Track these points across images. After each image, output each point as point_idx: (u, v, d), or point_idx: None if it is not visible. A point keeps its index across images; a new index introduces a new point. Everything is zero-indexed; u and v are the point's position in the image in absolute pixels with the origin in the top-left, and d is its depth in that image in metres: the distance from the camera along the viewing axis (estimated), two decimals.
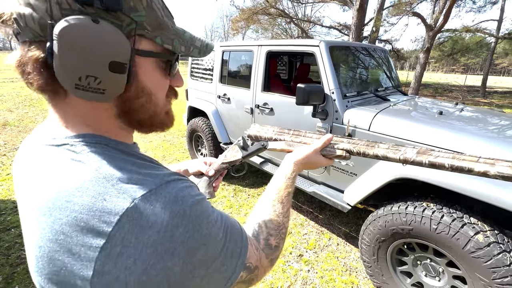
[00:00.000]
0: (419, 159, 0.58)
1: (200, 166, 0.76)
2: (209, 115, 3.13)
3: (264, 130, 0.73)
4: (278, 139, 0.71)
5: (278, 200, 0.57)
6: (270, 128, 0.73)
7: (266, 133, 0.72)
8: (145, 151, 4.27)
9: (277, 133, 0.72)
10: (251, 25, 16.34)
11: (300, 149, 0.67)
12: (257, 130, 0.74)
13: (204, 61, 3.35)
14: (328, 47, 2.01)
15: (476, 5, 11.83)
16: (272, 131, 0.73)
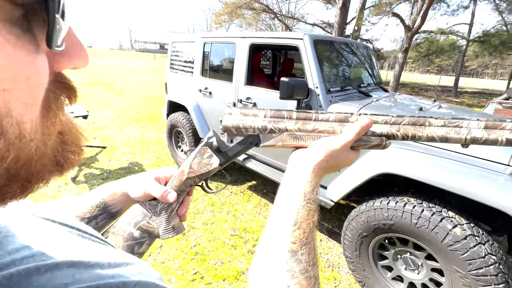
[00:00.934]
0: (492, 137, 0.44)
1: (150, 186, 0.50)
2: (190, 110, 3.01)
3: (250, 116, 0.50)
4: (276, 129, 0.49)
5: (300, 243, 0.36)
6: (259, 112, 0.50)
7: (254, 121, 0.49)
8: (120, 148, 4.05)
9: (273, 120, 0.49)
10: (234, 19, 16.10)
11: (320, 143, 0.45)
12: (239, 118, 0.50)
13: (184, 53, 3.20)
14: (312, 40, 1.97)
15: (450, 8, 12.44)
16: (263, 116, 0.49)
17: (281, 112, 0.49)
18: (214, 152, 0.52)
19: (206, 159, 0.52)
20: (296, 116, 0.49)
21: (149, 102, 7.59)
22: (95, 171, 3.30)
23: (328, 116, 0.48)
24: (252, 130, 0.49)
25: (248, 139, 0.50)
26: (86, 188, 2.89)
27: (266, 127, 0.49)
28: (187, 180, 0.52)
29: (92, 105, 6.63)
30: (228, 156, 0.52)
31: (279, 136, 0.49)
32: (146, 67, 19.76)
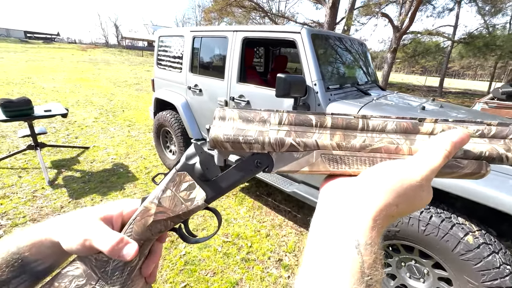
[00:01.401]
0: None
1: (93, 234, 0.32)
2: (178, 108, 2.83)
3: (256, 122, 0.33)
4: (301, 144, 0.31)
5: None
6: (271, 116, 0.33)
7: (263, 132, 0.32)
8: (104, 148, 3.81)
9: (294, 129, 0.32)
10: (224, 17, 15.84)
11: (382, 172, 0.28)
12: (238, 125, 0.33)
13: (172, 48, 3.01)
14: (310, 34, 1.85)
15: (435, 10, 12.73)
16: (277, 121, 0.32)
17: (307, 116, 0.32)
18: (197, 180, 0.34)
19: (185, 192, 0.34)
20: (332, 123, 0.32)
21: (136, 100, 7.29)
22: (76, 173, 3.06)
23: (385, 124, 0.31)
24: (260, 145, 0.31)
25: (252, 161, 0.32)
26: (65, 193, 2.66)
27: (284, 141, 0.31)
28: (154, 224, 0.35)
29: (75, 102, 6.28)
30: (220, 188, 0.34)
31: (306, 156, 0.31)
32: (133, 64, 19.16)
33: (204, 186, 0.34)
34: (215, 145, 0.32)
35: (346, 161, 0.31)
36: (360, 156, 0.31)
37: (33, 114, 2.78)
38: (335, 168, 0.31)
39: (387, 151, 0.30)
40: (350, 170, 0.31)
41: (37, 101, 6.08)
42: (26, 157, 3.32)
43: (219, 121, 0.33)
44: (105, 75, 11.98)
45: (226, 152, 0.33)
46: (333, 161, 0.31)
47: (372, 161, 0.30)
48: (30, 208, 2.40)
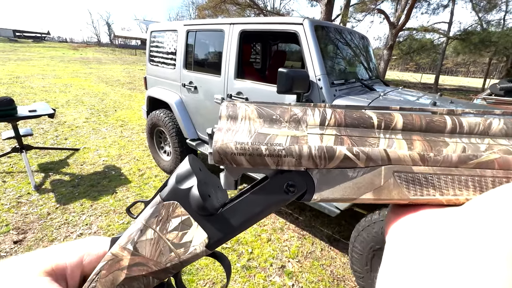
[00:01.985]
0: None
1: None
2: (173, 107, 2.68)
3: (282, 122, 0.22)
4: (360, 156, 0.21)
5: None
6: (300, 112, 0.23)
7: (297, 137, 0.22)
8: (95, 150, 3.64)
9: (347, 132, 0.22)
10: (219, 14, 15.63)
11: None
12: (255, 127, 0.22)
13: (165, 44, 2.86)
14: (313, 25, 1.73)
15: (430, 7, 12.74)
16: (317, 120, 0.22)
17: (363, 113, 0.22)
18: (194, 214, 0.24)
19: (175, 233, 0.24)
20: (405, 122, 0.21)
21: (129, 99, 7.09)
22: (65, 177, 2.90)
23: (487, 122, 0.21)
24: (294, 159, 0.21)
25: (281, 183, 0.22)
26: (52, 198, 2.50)
27: (334, 152, 0.20)
28: (128, 281, 0.24)
29: (65, 102, 6.06)
30: (230, 226, 0.23)
31: (368, 175, 0.21)
32: (126, 62, 18.81)
33: (205, 223, 0.23)
34: (223, 160, 0.21)
35: (437, 183, 0.20)
36: (458, 175, 0.20)
37: (17, 115, 2.60)
38: (418, 194, 0.20)
39: (504, 165, 0.19)
40: (443, 197, 0.20)
41: (25, 101, 5.85)
42: (11, 160, 3.14)
43: (227, 121, 0.22)
44: (97, 74, 11.70)
45: (239, 170, 0.22)
46: (414, 184, 0.20)
47: (479, 182, 0.19)
48: (14, 215, 2.24)
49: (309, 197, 0.22)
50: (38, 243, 1.96)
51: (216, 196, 0.25)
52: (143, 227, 0.24)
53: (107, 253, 0.25)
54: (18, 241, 1.97)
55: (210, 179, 0.26)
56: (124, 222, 2.23)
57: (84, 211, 2.34)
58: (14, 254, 1.84)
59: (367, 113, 0.22)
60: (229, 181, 0.23)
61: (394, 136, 0.21)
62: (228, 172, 0.23)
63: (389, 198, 0.20)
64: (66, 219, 2.23)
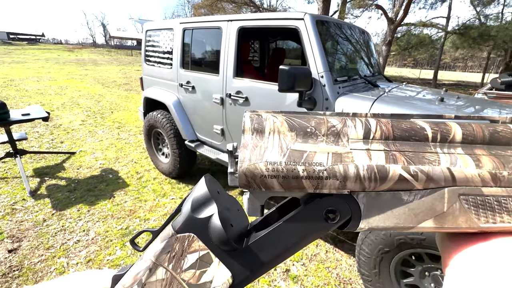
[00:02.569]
0: None
1: None
2: (170, 108, 2.61)
3: (318, 136, 0.19)
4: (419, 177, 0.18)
5: None
6: (340, 123, 0.19)
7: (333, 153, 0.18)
8: (91, 153, 3.56)
9: (397, 147, 0.19)
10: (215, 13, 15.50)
11: None
12: (286, 142, 0.19)
13: (161, 43, 2.78)
14: (315, 21, 1.66)
15: (428, 1, 12.67)
16: (356, 133, 0.19)
17: (414, 123, 0.18)
18: (214, 249, 0.19)
19: (192, 271, 0.19)
20: (464, 134, 0.18)
21: (125, 100, 7.00)
22: (61, 181, 2.83)
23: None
24: (338, 181, 0.17)
25: (319, 209, 0.19)
26: (48, 204, 2.43)
27: (386, 172, 0.17)
28: None
29: (60, 105, 5.97)
30: (258, 262, 0.19)
31: (426, 198, 0.17)
32: (122, 63, 18.65)
33: (228, 259, 0.20)
34: (250, 184, 0.18)
35: (511, 207, 0.17)
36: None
37: (9, 119, 2.52)
38: (490, 221, 0.17)
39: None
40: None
41: (19, 105, 5.76)
42: (5, 166, 3.06)
43: (253, 136, 0.19)
44: (93, 75, 11.58)
45: (267, 194, 0.19)
46: (485, 209, 0.17)
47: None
48: (8, 223, 2.17)
49: (354, 225, 0.19)
50: (34, 251, 1.89)
51: (237, 224, 0.21)
52: (153, 265, 0.20)
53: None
54: (13, 250, 1.90)
55: (231, 203, 0.22)
56: (122, 227, 2.17)
57: (81, 217, 2.28)
58: (8, 264, 1.78)
59: (418, 123, 0.19)
60: (255, 207, 0.20)
61: (454, 151, 0.18)
62: (254, 196, 0.19)
63: (455, 226, 0.17)
64: (62, 226, 2.16)
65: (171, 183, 2.87)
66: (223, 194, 0.23)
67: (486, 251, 0.17)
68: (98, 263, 1.80)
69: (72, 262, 1.81)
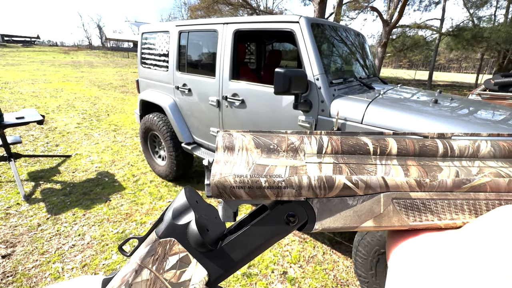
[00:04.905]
0: None
1: None
2: (166, 110, 2.61)
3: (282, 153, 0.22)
4: (359, 185, 0.21)
5: None
6: (297, 140, 0.22)
7: (296, 167, 0.21)
8: (87, 156, 3.54)
9: (344, 160, 0.22)
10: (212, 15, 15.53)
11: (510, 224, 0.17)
12: (252, 158, 0.22)
13: (157, 45, 2.78)
14: (310, 23, 1.67)
15: (422, 4, 12.83)
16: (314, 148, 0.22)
17: (359, 139, 0.22)
18: (192, 251, 0.22)
19: (173, 272, 0.22)
20: (399, 148, 0.22)
21: (122, 102, 6.96)
22: (56, 185, 2.80)
23: (476, 145, 0.22)
24: (294, 190, 0.20)
25: (281, 214, 0.22)
26: (43, 208, 2.40)
27: (333, 181, 0.20)
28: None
29: (55, 107, 5.92)
30: (230, 261, 0.22)
31: (366, 202, 0.21)
32: (118, 65, 18.57)
33: (204, 259, 0.22)
34: (221, 194, 0.21)
35: (434, 208, 0.20)
36: (453, 199, 0.20)
37: (3, 123, 2.50)
38: (417, 220, 0.20)
39: (496, 188, 0.20)
40: (441, 222, 0.20)
41: (14, 108, 5.70)
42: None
43: (224, 153, 0.22)
44: (89, 77, 11.51)
45: (237, 202, 0.22)
46: (412, 209, 0.20)
47: (474, 206, 0.20)
48: (2, 227, 2.14)
49: (310, 227, 0.21)
50: (28, 256, 1.87)
51: (214, 229, 0.24)
52: (138, 267, 0.23)
53: None
54: (7, 255, 1.88)
55: (208, 211, 0.25)
56: (118, 231, 2.15)
57: (76, 221, 2.25)
58: (2, 270, 1.75)
59: (362, 139, 0.22)
60: (228, 213, 0.22)
61: (390, 162, 0.22)
62: (226, 204, 0.22)
63: (390, 225, 0.21)
64: (57, 230, 2.14)
65: (167, 186, 2.86)
66: (202, 203, 0.25)
67: (415, 244, 0.20)
68: (93, 267, 1.78)
69: (67, 267, 1.79)
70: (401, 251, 0.20)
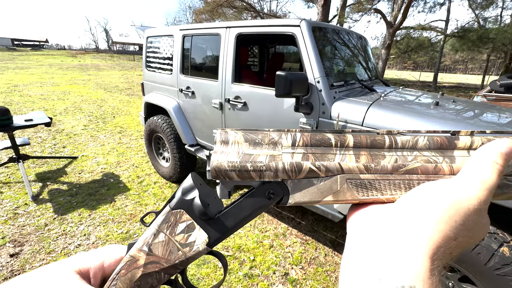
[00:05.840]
0: None
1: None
2: (170, 113, 2.65)
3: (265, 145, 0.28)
4: (321, 169, 0.26)
5: None
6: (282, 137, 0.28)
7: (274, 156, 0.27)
8: (93, 157, 3.60)
9: (311, 151, 0.27)
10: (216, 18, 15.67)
11: (430, 196, 0.22)
12: (243, 150, 0.27)
13: (162, 49, 2.83)
14: (311, 27, 1.70)
15: (427, 5, 12.75)
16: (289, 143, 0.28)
17: (324, 135, 0.28)
18: (196, 219, 0.29)
19: (182, 235, 0.28)
20: (355, 141, 0.27)
21: (127, 105, 7.07)
22: (63, 186, 2.86)
23: (415, 140, 0.27)
24: (272, 173, 0.26)
25: (264, 192, 0.27)
26: (50, 208, 2.46)
27: (301, 166, 0.26)
28: (143, 278, 0.28)
29: (63, 110, 6.04)
30: (225, 227, 0.28)
31: (327, 182, 0.26)
32: (124, 68, 18.84)
33: (205, 226, 0.29)
34: (218, 175, 0.27)
35: (377, 186, 0.26)
36: (393, 180, 0.26)
37: (12, 125, 2.57)
38: (365, 195, 0.26)
39: (425, 171, 0.26)
40: (383, 197, 0.26)
41: (23, 110, 5.83)
42: (8, 171, 3.10)
43: (221, 145, 0.28)
44: (95, 80, 11.70)
45: (231, 183, 0.28)
46: (361, 187, 0.26)
47: (408, 184, 0.25)
48: (10, 227, 2.20)
49: (286, 201, 0.27)
50: (35, 255, 1.92)
51: (214, 205, 0.30)
52: (156, 231, 0.29)
53: (125, 256, 0.30)
54: (15, 254, 1.93)
55: (209, 191, 0.31)
56: (123, 231, 2.19)
57: (82, 221, 2.30)
58: (10, 268, 1.80)
59: (327, 135, 0.28)
60: (224, 192, 0.28)
61: (347, 152, 0.27)
62: (222, 184, 0.28)
63: (345, 199, 0.26)
64: (64, 230, 2.18)
65: (171, 187, 2.90)
66: (204, 185, 0.31)
67: (364, 214, 0.25)
68: None
69: None
70: (354, 219, 0.26)
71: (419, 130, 0.28)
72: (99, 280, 0.30)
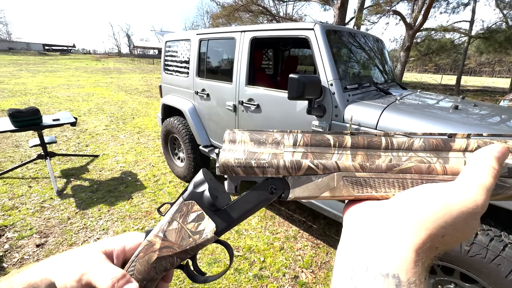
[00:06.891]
0: None
1: (92, 269, 0.31)
2: (186, 114, 2.73)
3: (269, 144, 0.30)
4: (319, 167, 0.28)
5: None
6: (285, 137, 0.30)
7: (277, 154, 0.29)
8: (113, 156, 3.77)
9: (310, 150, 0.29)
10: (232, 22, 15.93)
11: (421, 196, 0.24)
12: (249, 148, 0.30)
13: (179, 53, 2.94)
14: (325, 30, 1.70)
15: (450, 6, 12.26)
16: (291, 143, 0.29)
17: (324, 136, 0.30)
18: (206, 210, 0.32)
19: (192, 224, 0.32)
20: (352, 142, 0.29)
21: (146, 106, 7.33)
22: (85, 182, 3.02)
23: (411, 141, 0.28)
24: (274, 169, 0.29)
25: (266, 187, 0.30)
26: (73, 203, 2.61)
27: (300, 164, 0.28)
28: (158, 261, 0.33)
29: (87, 111, 6.37)
30: (231, 218, 0.31)
31: (324, 179, 0.28)
32: (144, 71, 19.57)
33: (214, 216, 0.32)
34: (226, 171, 0.29)
35: (372, 184, 0.27)
36: (387, 178, 0.27)
37: (42, 124, 2.76)
38: (360, 192, 0.28)
39: (418, 171, 0.27)
40: (378, 194, 0.27)
41: (51, 110, 6.21)
42: (37, 167, 3.32)
43: (229, 144, 0.30)
44: (117, 83, 12.24)
45: (237, 178, 0.30)
46: (357, 184, 0.28)
47: (402, 183, 0.27)
48: (37, 219, 2.35)
49: (286, 195, 0.29)
50: (58, 247, 2.04)
51: (222, 198, 0.33)
52: (170, 219, 0.33)
53: (144, 241, 0.34)
54: (40, 245, 2.06)
55: (218, 186, 0.34)
56: (138, 228, 2.28)
57: (101, 216, 2.42)
58: (36, 257, 1.93)
59: (327, 136, 0.29)
60: (231, 186, 0.30)
61: (344, 152, 0.28)
62: (230, 179, 0.30)
63: (341, 195, 0.28)
64: (84, 224, 2.30)
65: (185, 187, 2.97)
66: (214, 180, 0.34)
67: (358, 209, 0.27)
68: None
69: None
70: (350, 212, 0.27)
71: (415, 133, 0.29)
72: (121, 261, 0.35)
